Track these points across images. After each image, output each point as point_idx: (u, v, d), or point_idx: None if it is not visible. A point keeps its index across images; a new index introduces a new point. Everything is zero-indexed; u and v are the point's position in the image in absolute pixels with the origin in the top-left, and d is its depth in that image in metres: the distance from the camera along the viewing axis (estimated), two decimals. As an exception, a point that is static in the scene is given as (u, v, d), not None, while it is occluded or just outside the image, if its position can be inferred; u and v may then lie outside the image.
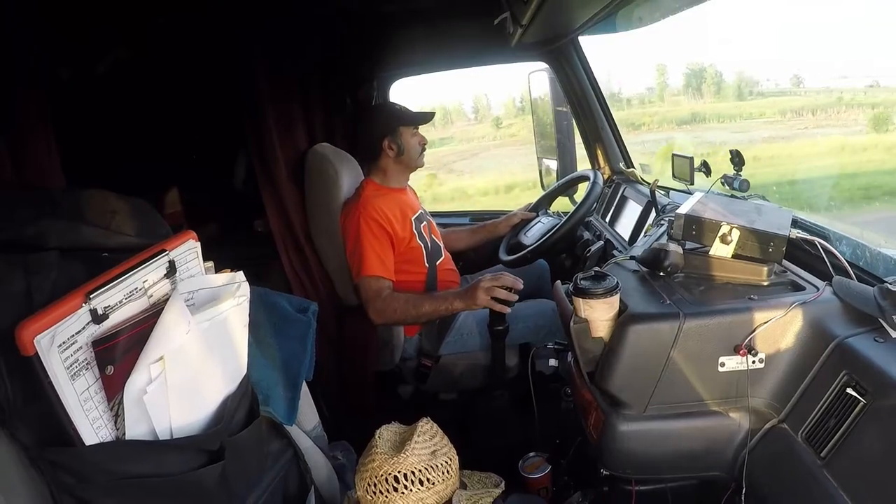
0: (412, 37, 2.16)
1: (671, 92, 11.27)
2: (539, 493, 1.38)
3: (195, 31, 1.73)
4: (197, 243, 0.82)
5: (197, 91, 1.92)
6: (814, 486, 0.79)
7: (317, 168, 1.80)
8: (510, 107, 11.07)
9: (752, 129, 8.84)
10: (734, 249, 1.04)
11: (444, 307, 1.63)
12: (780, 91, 9.19)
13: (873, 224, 1.43)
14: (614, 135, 2.18)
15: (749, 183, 1.32)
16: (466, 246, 2.10)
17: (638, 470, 1.03)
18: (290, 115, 1.83)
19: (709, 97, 10.20)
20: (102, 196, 0.82)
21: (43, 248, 0.72)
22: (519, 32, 1.62)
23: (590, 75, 2.11)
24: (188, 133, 2.09)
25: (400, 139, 1.75)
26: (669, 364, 0.95)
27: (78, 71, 1.61)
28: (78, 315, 0.65)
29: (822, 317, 0.92)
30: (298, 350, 1.06)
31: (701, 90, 10.29)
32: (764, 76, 9.69)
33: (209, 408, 0.80)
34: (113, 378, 0.68)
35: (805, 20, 5.90)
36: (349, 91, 2.25)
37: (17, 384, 0.64)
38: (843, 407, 0.81)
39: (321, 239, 1.84)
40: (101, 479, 0.68)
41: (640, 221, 1.78)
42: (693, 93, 10.51)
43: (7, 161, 0.97)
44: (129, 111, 1.84)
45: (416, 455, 0.93)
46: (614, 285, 1.01)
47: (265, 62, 1.71)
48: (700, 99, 10.37)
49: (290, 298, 1.13)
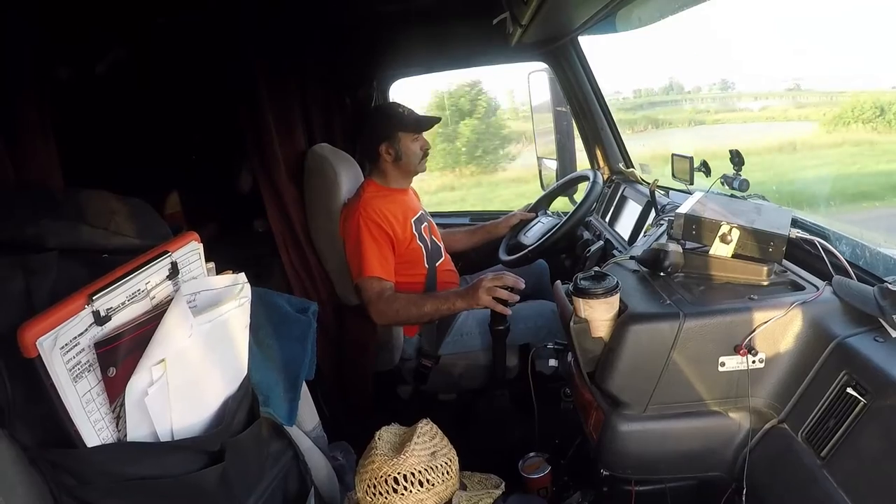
0: (412, 37, 2.16)
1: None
2: (539, 493, 1.38)
3: (195, 31, 1.73)
4: (199, 245, 0.82)
5: (197, 91, 1.92)
6: (814, 486, 0.79)
7: (316, 168, 1.80)
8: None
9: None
10: (734, 249, 1.04)
11: (446, 307, 1.63)
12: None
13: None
14: (614, 135, 2.18)
15: (749, 183, 1.32)
16: (466, 246, 2.10)
17: (638, 470, 1.03)
18: (289, 115, 1.82)
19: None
20: (102, 197, 0.82)
21: (42, 248, 0.72)
22: (519, 32, 1.62)
23: (589, 75, 2.11)
24: (188, 134, 2.09)
25: (398, 144, 1.73)
26: (669, 364, 0.95)
27: (78, 71, 1.61)
28: (80, 317, 0.65)
29: (822, 316, 0.92)
30: (298, 351, 1.06)
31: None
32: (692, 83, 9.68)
33: (210, 409, 0.80)
34: (115, 380, 0.68)
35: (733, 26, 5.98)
36: (349, 91, 2.25)
37: (18, 385, 0.64)
38: (843, 407, 0.81)
39: (321, 239, 1.84)
40: (102, 480, 0.68)
41: (640, 221, 1.78)
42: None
43: (7, 161, 0.97)
44: (129, 111, 1.84)
45: (416, 456, 0.93)
46: (614, 285, 1.01)
47: (265, 62, 1.71)
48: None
49: (290, 299, 1.13)
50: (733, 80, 8.48)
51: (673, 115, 9.02)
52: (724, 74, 8.61)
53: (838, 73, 5.47)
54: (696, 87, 9.28)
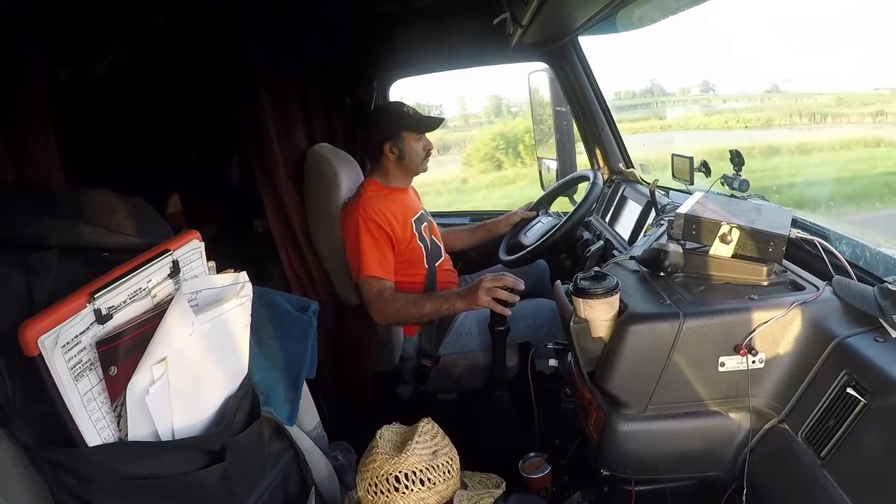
0: (412, 37, 2.16)
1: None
2: (539, 493, 1.38)
3: (195, 31, 1.73)
4: (201, 243, 0.82)
5: (196, 91, 1.92)
6: (814, 486, 0.79)
7: (316, 168, 1.80)
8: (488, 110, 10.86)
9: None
10: (734, 249, 1.04)
11: (446, 307, 1.63)
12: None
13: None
14: (614, 135, 2.18)
15: (749, 183, 1.32)
16: (466, 246, 2.10)
17: (638, 470, 1.03)
18: (289, 115, 1.82)
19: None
20: (102, 196, 0.82)
21: (43, 247, 0.72)
22: (519, 32, 1.62)
23: (589, 75, 2.11)
24: (188, 133, 2.09)
25: (402, 143, 1.74)
26: (669, 364, 0.95)
27: (78, 71, 1.61)
28: (82, 315, 0.64)
29: (822, 316, 0.92)
30: (299, 350, 1.06)
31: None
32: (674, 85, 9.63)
33: (211, 408, 0.80)
34: (116, 379, 0.67)
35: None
36: (349, 91, 2.25)
37: (19, 384, 0.64)
38: (843, 407, 0.81)
39: (321, 239, 1.84)
40: (103, 479, 0.68)
41: (640, 221, 1.78)
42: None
43: (7, 161, 0.97)
44: (130, 111, 1.84)
45: (417, 455, 0.93)
46: (614, 285, 1.01)
47: (265, 62, 1.71)
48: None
49: (290, 298, 1.13)
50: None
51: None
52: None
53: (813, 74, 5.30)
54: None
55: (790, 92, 5.14)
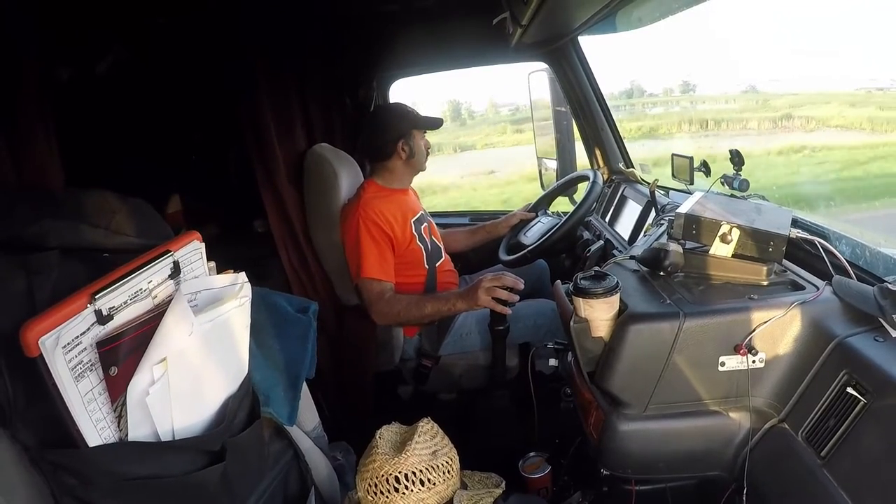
0: (412, 37, 2.16)
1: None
2: (539, 493, 1.38)
3: (195, 31, 1.73)
4: (201, 244, 0.82)
5: (197, 91, 1.92)
6: (814, 485, 0.80)
7: (316, 168, 1.80)
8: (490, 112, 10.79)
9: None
10: (734, 249, 1.04)
11: (447, 308, 1.63)
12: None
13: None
14: (614, 135, 2.18)
15: (749, 183, 1.32)
16: (466, 246, 2.10)
17: (638, 470, 1.03)
18: (289, 115, 1.83)
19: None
20: (102, 196, 0.82)
21: (44, 248, 0.72)
22: (518, 32, 1.62)
23: (589, 75, 2.11)
24: (188, 134, 2.09)
25: (413, 141, 1.76)
26: (669, 364, 0.95)
27: (78, 71, 1.61)
28: (83, 316, 0.64)
29: (822, 316, 0.92)
30: (299, 350, 1.06)
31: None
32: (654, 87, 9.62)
33: (211, 409, 0.80)
34: (116, 379, 0.67)
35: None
36: (349, 91, 2.25)
37: (19, 385, 0.64)
38: (844, 406, 0.81)
39: (320, 239, 1.84)
40: (104, 480, 0.68)
41: (640, 221, 1.79)
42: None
43: (7, 161, 0.97)
44: (130, 112, 1.84)
45: (417, 455, 0.93)
46: (614, 285, 1.01)
47: (265, 62, 1.71)
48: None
49: (290, 298, 1.13)
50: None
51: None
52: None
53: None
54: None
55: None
